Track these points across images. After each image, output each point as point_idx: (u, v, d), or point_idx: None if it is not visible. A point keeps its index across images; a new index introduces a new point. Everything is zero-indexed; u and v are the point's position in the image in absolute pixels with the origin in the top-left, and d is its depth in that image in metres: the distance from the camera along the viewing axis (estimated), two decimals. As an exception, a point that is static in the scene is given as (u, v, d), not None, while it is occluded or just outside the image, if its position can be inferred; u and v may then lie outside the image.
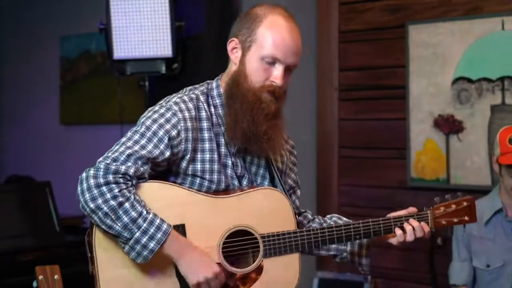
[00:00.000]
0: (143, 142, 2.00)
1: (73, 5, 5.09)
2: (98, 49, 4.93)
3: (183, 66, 4.02)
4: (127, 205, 1.93)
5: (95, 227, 1.99)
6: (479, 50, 3.69)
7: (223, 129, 2.12)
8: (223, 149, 2.12)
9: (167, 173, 2.09)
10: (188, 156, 2.06)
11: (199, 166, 2.08)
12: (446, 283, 3.22)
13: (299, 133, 4.03)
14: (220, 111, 2.14)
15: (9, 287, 3.36)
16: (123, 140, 2.03)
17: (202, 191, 2.08)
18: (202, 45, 4.02)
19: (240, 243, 2.07)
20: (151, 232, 1.94)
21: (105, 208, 1.92)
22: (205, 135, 2.10)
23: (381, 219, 2.21)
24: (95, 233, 1.99)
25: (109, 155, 1.98)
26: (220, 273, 2.01)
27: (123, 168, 1.95)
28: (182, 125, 2.04)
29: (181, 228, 2.03)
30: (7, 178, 4.86)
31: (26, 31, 5.41)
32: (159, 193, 2.03)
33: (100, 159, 1.99)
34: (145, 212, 1.95)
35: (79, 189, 1.95)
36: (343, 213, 2.57)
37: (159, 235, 1.95)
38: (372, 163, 4.10)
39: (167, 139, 2.02)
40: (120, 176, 1.94)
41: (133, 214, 1.93)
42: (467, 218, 2.29)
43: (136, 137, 2.02)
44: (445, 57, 3.79)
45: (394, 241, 2.23)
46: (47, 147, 5.27)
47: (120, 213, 1.92)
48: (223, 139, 2.13)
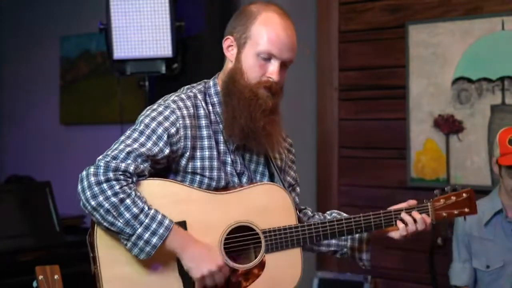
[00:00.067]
0: (142, 140, 2.01)
1: (73, 5, 5.09)
2: (98, 49, 4.92)
3: (183, 66, 4.02)
4: (128, 201, 1.93)
5: (96, 226, 1.99)
6: (479, 50, 3.69)
7: (221, 126, 2.13)
8: (222, 147, 2.13)
9: (166, 171, 2.09)
10: (187, 153, 2.06)
11: (198, 163, 2.08)
12: (446, 283, 3.22)
13: (299, 133, 4.03)
14: (218, 109, 2.14)
15: (9, 287, 3.36)
16: (122, 138, 2.03)
17: (202, 188, 2.08)
18: (202, 45, 4.02)
19: (241, 239, 2.07)
20: (153, 227, 1.94)
21: (107, 205, 1.92)
22: (204, 132, 2.10)
23: (382, 212, 2.21)
24: (96, 233, 1.99)
25: (108, 153, 1.99)
26: (224, 266, 2.01)
27: (123, 165, 1.95)
28: (180, 122, 2.05)
29: (183, 225, 2.02)
30: (7, 178, 4.85)
31: (26, 31, 5.40)
32: (160, 190, 2.03)
33: (99, 157, 1.99)
34: (146, 208, 1.95)
35: (79, 187, 1.95)
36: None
37: (161, 230, 1.94)
38: (372, 163, 4.09)
39: (166, 136, 2.02)
40: (120, 173, 1.94)
41: (135, 210, 1.93)
42: (467, 209, 2.29)
43: (135, 135, 2.02)
44: (445, 57, 3.79)
45: (396, 235, 2.23)
46: (47, 147, 5.26)
47: (121, 209, 1.92)
48: (221, 137, 2.13)
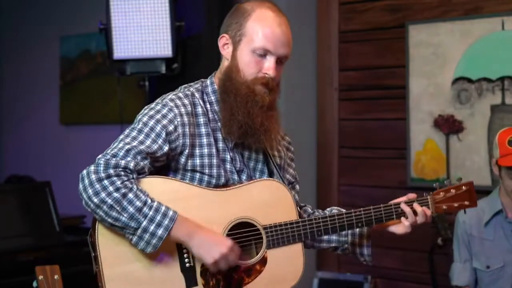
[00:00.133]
0: (141, 137, 2.01)
1: (73, 5, 5.09)
2: (98, 49, 4.93)
3: (183, 66, 4.03)
4: (131, 195, 1.93)
5: (97, 226, 1.99)
6: (479, 50, 3.69)
7: (219, 124, 2.13)
8: (220, 144, 2.13)
9: (166, 170, 2.10)
10: (186, 151, 2.07)
11: (198, 161, 2.08)
12: (446, 283, 3.22)
13: (299, 133, 4.04)
14: (215, 107, 2.14)
15: (9, 287, 3.35)
16: (121, 137, 2.04)
17: (202, 186, 2.08)
18: (202, 45, 4.02)
19: (243, 235, 2.07)
20: (158, 219, 1.94)
21: (110, 200, 1.92)
22: (202, 130, 2.10)
23: (382, 205, 2.21)
24: (97, 232, 1.99)
25: (108, 151, 1.99)
26: (234, 245, 2.00)
27: (123, 162, 1.95)
28: (178, 120, 2.05)
29: None
30: (7, 178, 4.86)
31: (26, 31, 5.41)
32: (161, 187, 2.03)
33: (99, 156, 1.99)
34: (149, 200, 1.95)
35: (81, 186, 1.95)
36: (343, 213, 2.56)
37: (166, 222, 1.94)
38: (372, 163, 4.09)
39: (165, 134, 2.03)
40: (121, 169, 1.95)
41: (138, 203, 1.93)
42: (467, 202, 2.28)
43: (133, 134, 2.03)
44: (445, 57, 3.79)
45: (396, 228, 2.23)
46: (47, 147, 5.26)
47: (125, 204, 1.92)
48: (220, 135, 2.13)
